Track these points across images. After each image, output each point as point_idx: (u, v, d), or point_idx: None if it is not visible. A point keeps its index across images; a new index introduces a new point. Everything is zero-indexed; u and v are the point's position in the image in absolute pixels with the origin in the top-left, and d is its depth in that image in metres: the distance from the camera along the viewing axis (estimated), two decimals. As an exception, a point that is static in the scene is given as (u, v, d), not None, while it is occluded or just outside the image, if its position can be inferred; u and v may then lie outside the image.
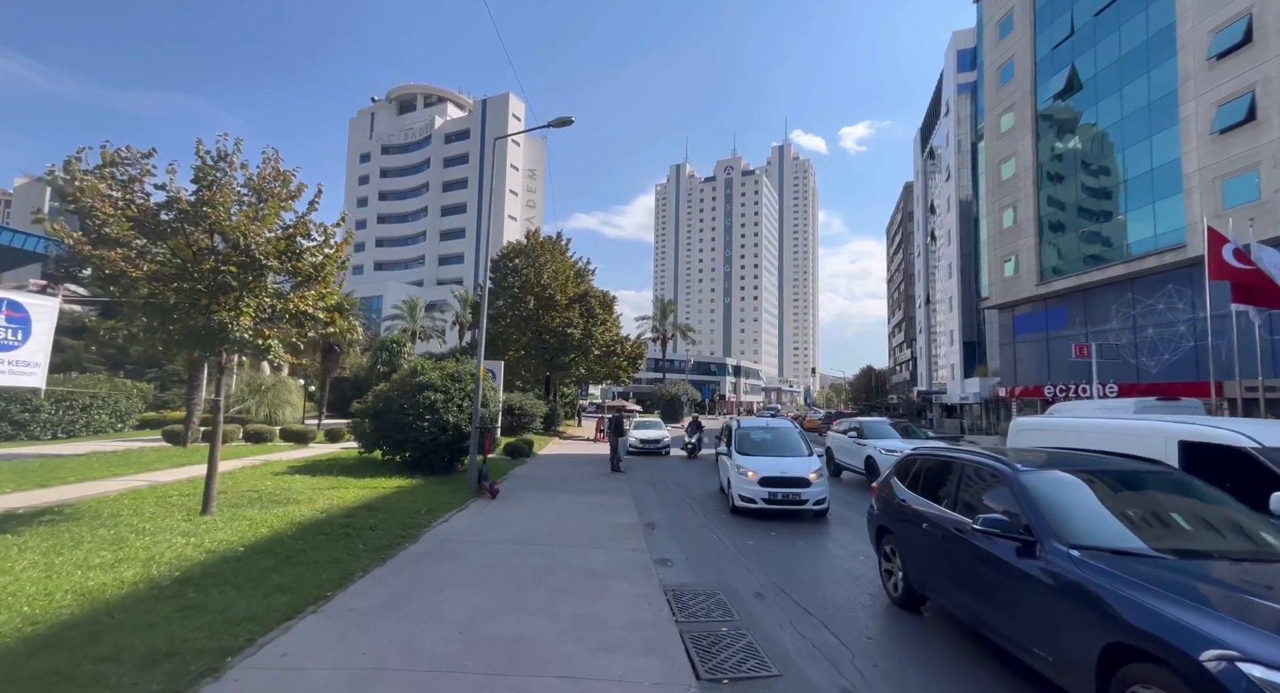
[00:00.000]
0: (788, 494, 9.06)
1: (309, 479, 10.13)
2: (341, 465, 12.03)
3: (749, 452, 10.24)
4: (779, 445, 10.63)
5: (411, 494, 9.40)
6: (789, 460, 9.82)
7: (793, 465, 9.52)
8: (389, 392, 11.86)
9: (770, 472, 9.25)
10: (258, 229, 6.55)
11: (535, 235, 34.06)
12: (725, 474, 10.83)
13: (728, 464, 10.36)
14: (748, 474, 9.34)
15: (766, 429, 11.21)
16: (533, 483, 12.40)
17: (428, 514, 8.00)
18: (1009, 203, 34.19)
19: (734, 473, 9.77)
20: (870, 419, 15.20)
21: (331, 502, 8.15)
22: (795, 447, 10.65)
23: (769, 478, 9.16)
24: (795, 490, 9.07)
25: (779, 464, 9.53)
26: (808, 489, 9.11)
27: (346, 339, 20.55)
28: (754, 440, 10.74)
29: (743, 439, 10.69)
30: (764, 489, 9.10)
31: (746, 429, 11.11)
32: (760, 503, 9.09)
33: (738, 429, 11.04)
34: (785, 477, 9.17)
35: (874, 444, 13.10)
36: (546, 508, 9.45)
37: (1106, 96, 27.58)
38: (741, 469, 9.53)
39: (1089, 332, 28.78)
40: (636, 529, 8.22)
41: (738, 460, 9.86)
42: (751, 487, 9.20)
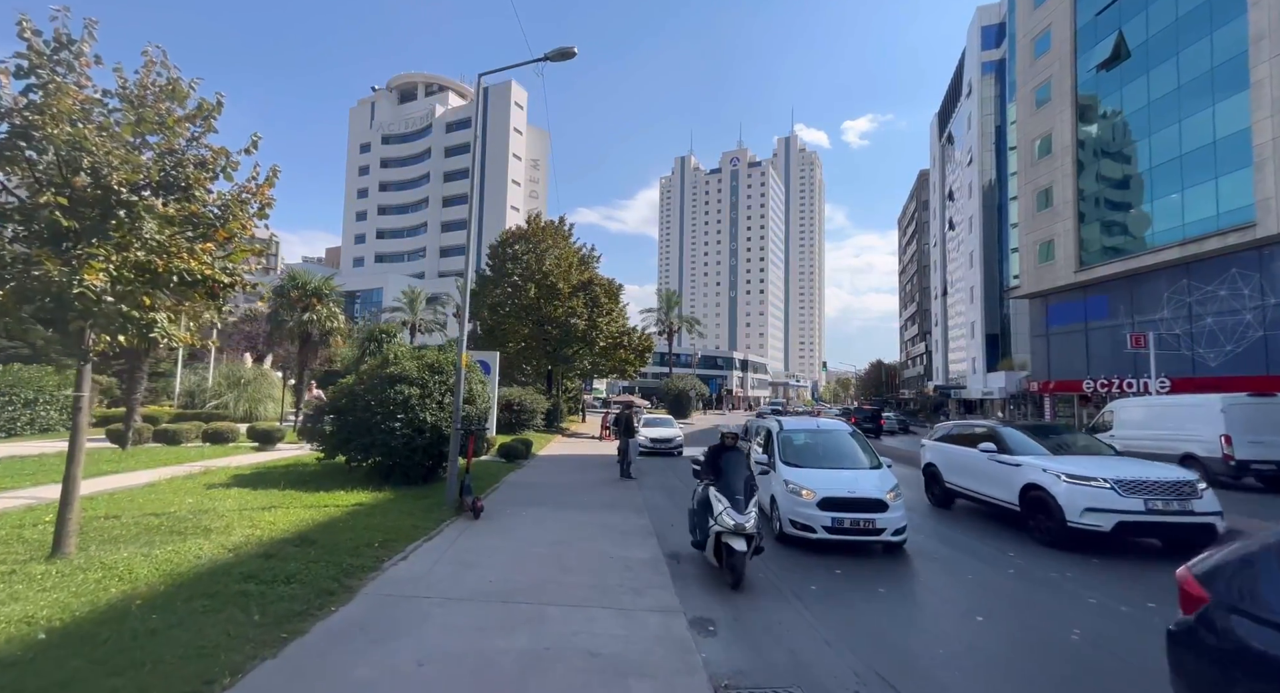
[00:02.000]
0: (857, 521, 6.92)
1: (246, 494, 8.16)
2: (297, 474, 10.06)
3: (797, 462, 8.12)
4: (835, 453, 8.49)
5: (370, 515, 7.40)
6: (853, 475, 7.69)
7: (861, 482, 7.39)
8: (354, 386, 9.86)
9: (833, 491, 7.13)
10: (119, 151, 4.51)
11: (536, 220, 32.00)
12: (763, 488, 8.55)
13: (770, 477, 8.25)
14: (802, 493, 7.27)
15: (816, 432, 8.98)
16: (528, 494, 10.39)
17: (381, 548, 5.99)
18: (1044, 184, 31.85)
19: (780, 490, 7.74)
20: (1008, 427, 9.50)
21: (255, 531, 6.15)
22: (856, 455, 8.49)
23: (832, 500, 7.05)
24: (867, 516, 6.93)
25: (842, 480, 7.41)
26: (883, 514, 6.95)
27: (326, 327, 18.58)
28: (802, 447, 8.58)
29: (788, 445, 8.54)
30: (824, 514, 6.99)
31: (791, 432, 8.90)
32: (820, 532, 6.98)
33: (780, 433, 8.82)
34: (853, 499, 7.04)
35: (1041, 466, 7.88)
36: (542, 532, 7.44)
37: (1160, 63, 25.19)
38: (792, 486, 7.45)
39: (1135, 322, 26.55)
40: (659, 566, 6.20)
41: (785, 474, 7.78)
42: (807, 510, 7.11)
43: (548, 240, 30.62)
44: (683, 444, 19.90)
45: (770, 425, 9.43)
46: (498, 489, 10.72)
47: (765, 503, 8.37)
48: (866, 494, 7.09)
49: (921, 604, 5.55)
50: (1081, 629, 4.78)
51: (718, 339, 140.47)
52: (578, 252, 31.73)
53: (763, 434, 10.06)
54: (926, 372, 70.90)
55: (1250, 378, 20.99)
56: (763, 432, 10.02)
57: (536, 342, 28.77)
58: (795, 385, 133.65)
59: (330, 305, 19.35)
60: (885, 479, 7.54)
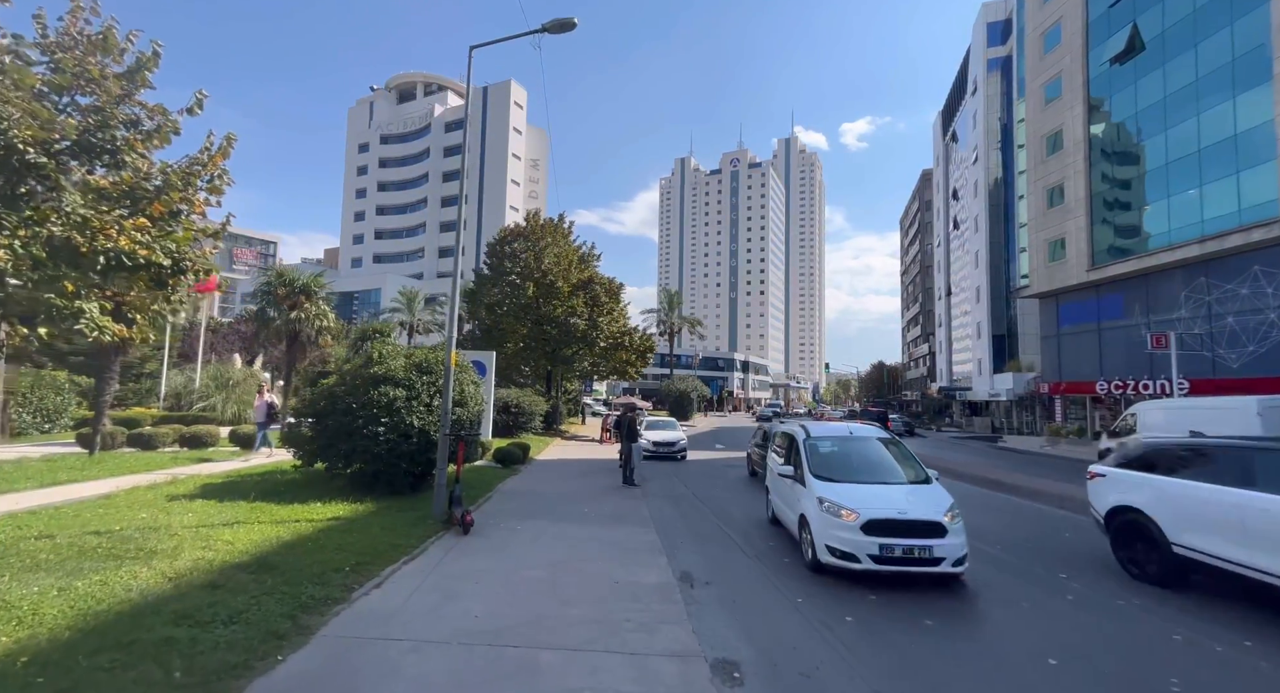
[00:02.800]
0: (911, 549, 5.78)
1: (210, 508, 7.37)
2: (273, 483, 9.27)
3: (830, 475, 6.89)
4: (874, 465, 7.26)
5: (346, 532, 6.62)
6: (901, 492, 6.58)
7: (911, 500, 6.29)
8: (335, 387, 9.08)
9: (880, 512, 5.98)
10: (23, 103, 3.73)
11: (535, 218, 31.25)
12: (789, 506, 7.49)
13: (799, 494, 7.03)
14: (841, 515, 6.09)
15: (849, 438, 7.75)
16: (524, 504, 9.62)
17: (353, 573, 5.22)
18: (1055, 181, 31.14)
19: (812, 509, 6.51)
20: None
21: (207, 553, 5.37)
22: (898, 466, 7.25)
23: (879, 523, 5.89)
24: (923, 543, 5.80)
25: (889, 499, 6.30)
26: (942, 541, 5.81)
27: (315, 326, 17.79)
28: (834, 457, 7.34)
29: (816, 455, 7.31)
30: (870, 540, 5.83)
31: (819, 439, 7.66)
32: (865, 562, 5.80)
33: (807, 440, 7.55)
34: (905, 521, 5.90)
35: None
36: (537, 551, 6.66)
37: (1176, 56, 24.48)
38: (829, 505, 6.27)
39: (1151, 321, 25.80)
40: (671, 593, 5.43)
41: (818, 490, 6.58)
42: (849, 535, 5.92)
43: (547, 238, 29.86)
44: (687, 448, 19.10)
45: (794, 431, 8.22)
46: (491, 498, 9.95)
47: (790, 520, 7.42)
48: (921, 516, 5.95)
49: (978, 641, 4.76)
50: (1180, 679, 4.01)
51: (718, 341, 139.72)
52: (577, 250, 30.98)
53: (782, 440, 9.06)
54: (930, 373, 70.14)
55: (1275, 379, 20.24)
56: (783, 438, 9.01)
57: (535, 342, 28.00)
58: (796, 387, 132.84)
59: (320, 303, 18.57)
60: (938, 497, 6.42)
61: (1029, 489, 12.69)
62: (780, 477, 7.85)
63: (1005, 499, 12.28)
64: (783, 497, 8.00)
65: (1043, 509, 11.07)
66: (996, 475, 15.07)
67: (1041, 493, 12.29)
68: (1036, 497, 12.19)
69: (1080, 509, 10.60)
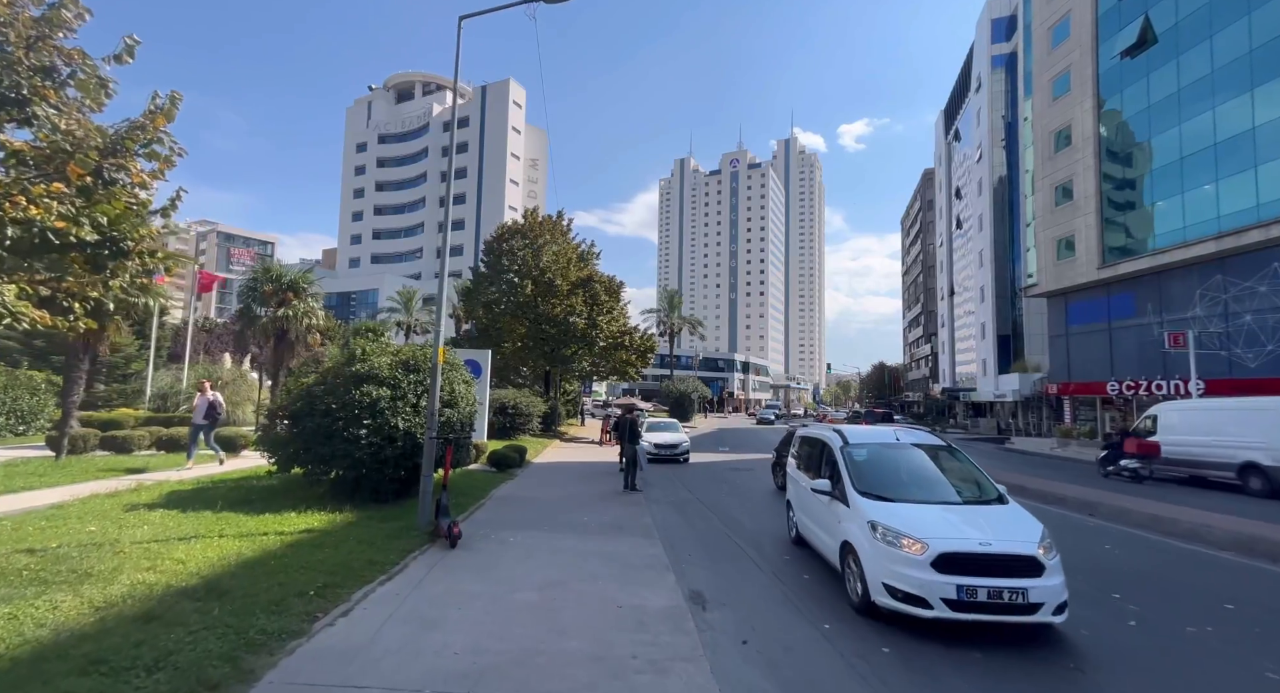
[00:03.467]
0: (999, 592, 4.44)
1: (170, 518, 6.69)
2: (246, 490, 8.59)
3: (880, 491, 5.57)
4: (933, 480, 5.92)
5: (318, 547, 5.94)
6: (974, 514, 5.26)
7: (991, 527, 4.97)
8: (314, 386, 8.41)
9: (956, 543, 4.69)
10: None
11: (533, 215, 30.57)
12: (824, 528, 6.23)
13: (839, 514, 5.75)
14: (903, 545, 4.79)
15: (897, 446, 6.41)
16: (518, 513, 8.95)
17: (318, 597, 4.54)
18: (1063, 177, 30.53)
19: (861, 536, 5.19)
20: None
21: (150, 575, 4.68)
22: (963, 482, 5.91)
23: (956, 557, 4.60)
24: (1015, 584, 4.46)
25: (963, 524, 5.02)
26: (1038, 581, 4.50)
27: (303, 324, 17.12)
28: (881, 468, 6.00)
29: (859, 466, 5.99)
30: (945, 579, 4.52)
31: (859, 447, 6.30)
32: (940, 608, 4.49)
33: (845, 447, 6.26)
34: (990, 555, 4.59)
35: None
36: (531, 568, 5.99)
37: (1190, 48, 23.88)
38: (887, 533, 4.94)
39: (1164, 320, 25.18)
40: (681, 619, 4.76)
41: (869, 511, 5.27)
42: (916, 573, 4.62)
43: (545, 236, 29.20)
44: (690, 450, 18.45)
45: (824, 436, 6.91)
46: (483, 506, 9.28)
47: (825, 546, 6.16)
48: (1008, 548, 4.63)
49: (1061, 682, 4.09)
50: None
51: (718, 341, 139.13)
52: (577, 247, 30.31)
53: (806, 447, 7.69)
54: (932, 374, 69.54)
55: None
56: (807, 444, 7.65)
57: (533, 341, 27.32)
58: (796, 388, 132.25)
59: (309, 300, 17.89)
60: (1023, 522, 5.12)
61: (1054, 495, 12.02)
62: (812, 492, 6.47)
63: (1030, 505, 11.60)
64: (813, 516, 6.67)
65: (1070, 516, 10.41)
66: (1012, 479, 14.39)
67: (1066, 499, 11.63)
68: (1062, 503, 11.53)
69: (1116, 517, 9.95)
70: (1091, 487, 13.61)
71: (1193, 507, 10.48)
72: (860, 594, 5.13)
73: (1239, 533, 8.02)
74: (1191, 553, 7.81)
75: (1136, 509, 10.00)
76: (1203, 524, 8.63)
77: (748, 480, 14.27)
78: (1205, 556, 7.68)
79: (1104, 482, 15.58)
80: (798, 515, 7.49)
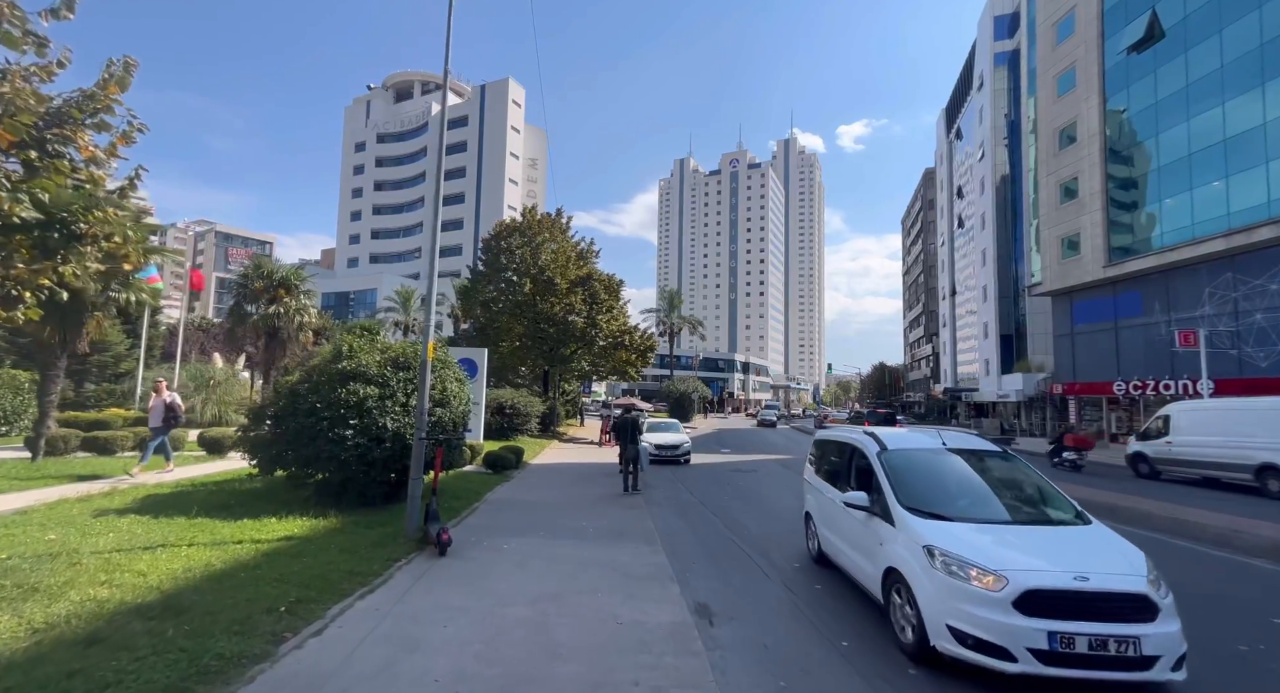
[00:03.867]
0: (1104, 640, 3.50)
1: (140, 525, 6.27)
2: (228, 494, 8.18)
3: (936, 509, 4.60)
4: (994, 494, 4.93)
5: (295, 556, 5.52)
6: (1057, 538, 4.36)
7: (1081, 555, 4.02)
8: (298, 385, 7.99)
9: (1045, 576, 3.73)
10: None
11: (532, 213, 30.16)
12: (859, 550, 5.26)
13: (882, 535, 4.78)
14: (972, 577, 3.84)
15: (946, 454, 5.41)
16: (513, 518, 8.53)
17: (289, 614, 4.13)
18: (1068, 175, 30.16)
19: (915, 564, 4.21)
20: None
21: (104, 591, 4.26)
22: (1033, 498, 4.98)
23: (1046, 595, 3.65)
24: (1124, 631, 3.52)
25: (1048, 550, 4.11)
26: (1151, 627, 3.57)
27: (295, 322, 16.69)
28: (931, 481, 5.06)
29: (901, 475, 5.02)
30: (1033, 624, 3.56)
31: (902, 454, 5.33)
32: (1027, 660, 3.53)
33: (884, 454, 5.30)
34: (1089, 593, 3.64)
35: None
36: (524, 579, 5.58)
37: (1199, 43, 23.52)
38: (951, 561, 3.98)
39: (1172, 319, 24.80)
40: (687, 637, 4.36)
41: (923, 532, 4.32)
42: (992, 615, 3.67)
43: (544, 233, 28.79)
44: (691, 451, 18.05)
45: (855, 441, 5.92)
46: (477, 510, 8.86)
47: (862, 571, 5.12)
48: (1112, 583, 3.69)
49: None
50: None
51: (717, 341, 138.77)
52: (576, 246, 29.90)
53: (828, 452, 6.77)
54: (934, 374, 69.14)
55: (1307, 379, 19.24)
56: (831, 449, 6.67)
57: (532, 341, 26.91)
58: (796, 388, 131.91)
59: (301, 298, 17.47)
60: (1118, 548, 4.19)
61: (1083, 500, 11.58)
62: (841, 507, 5.49)
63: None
64: (842, 533, 5.70)
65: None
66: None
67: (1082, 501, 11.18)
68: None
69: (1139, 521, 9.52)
70: (1110, 490, 13.21)
71: (1213, 510, 10.08)
72: (914, 637, 4.10)
73: (1275, 539, 7.60)
74: (1224, 560, 7.41)
75: (1159, 513, 9.61)
76: (1231, 529, 8.23)
77: (751, 483, 13.87)
78: (1238, 563, 7.28)
79: (1126, 485, 15.20)
80: (820, 530, 6.48)
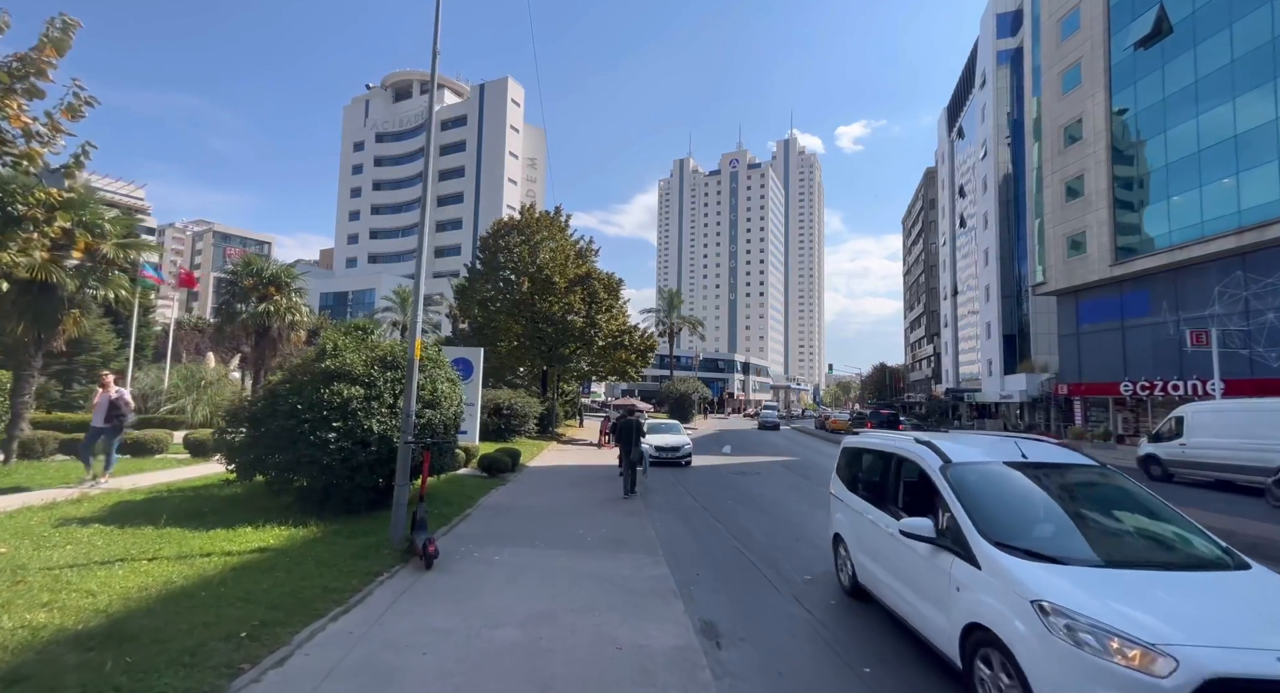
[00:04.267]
0: None
1: (103, 535, 5.84)
2: (203, 500, 7.75)
3: (1035, 546, 3.45)
4: (1104, 525, 3.93)
5: (267, 570, 5.10)
6: (1216, 587, 3.18)
7: (1269, 614, 2.92)
8: (278, 385, 7.56)
9: (1240, 662, 2.49)
10: None
11: (530, 210, 29.78)
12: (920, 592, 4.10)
13: (957, 578, 3.59)
14: (1114, 652, 2.64)
15: (1027, 467, 4.25)
16: (507, 524, 8.11)
17: (250, 642, 3.70)
18: (1073, 172, 29.76)
19: (1021, 624, 3.00)
20: None
21: (41, 614, 3.82)
22: (1158, 529, 3.84)
23: (1243, 688, 2.44)
24: None
25: (1213, 608, 2.94)
26: None
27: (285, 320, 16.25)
28: (1022, 509, 3.96)
29: (977, 498, 3.88)
30: None
31: (969, 466, 4.21)
32: None
33: (948, 468, 4.17)
34: None
35: None
36: (515, 596, 5.16)
37: (1209, 38, 23.13)
38: (1075, 625, 2.80)
39: (1181, 318, 24.40)
40: (694, 665, 3.95)
41: (1024, 579, 3.14)
42: None
43: (543, 232, 28.40)
44: (692, 453, 17.63)
45: (906, 450, 4.75)
46: (469, 517, 8.43)
47: (934, 628, 3.85)
48: None
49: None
50: None
51: (717, 342, 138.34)
52: (575, 244, 29.50)
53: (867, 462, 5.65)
54: (935, 374, 68.76)
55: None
56: (871, 459, 5.58)
57: (530, 340, 26.49)
58: (796, 389, 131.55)
59: (292, 296, 17.03)
60: None
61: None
62: (894, 535, 4.33)
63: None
64: (894, 567, 4.52)
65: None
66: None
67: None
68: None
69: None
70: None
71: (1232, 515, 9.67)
72: None
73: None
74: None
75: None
76: (1263, 538, 7.81)
77: (755, 486, 13.45)
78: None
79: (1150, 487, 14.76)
80: (857, 557, 5.28)
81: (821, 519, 9.93)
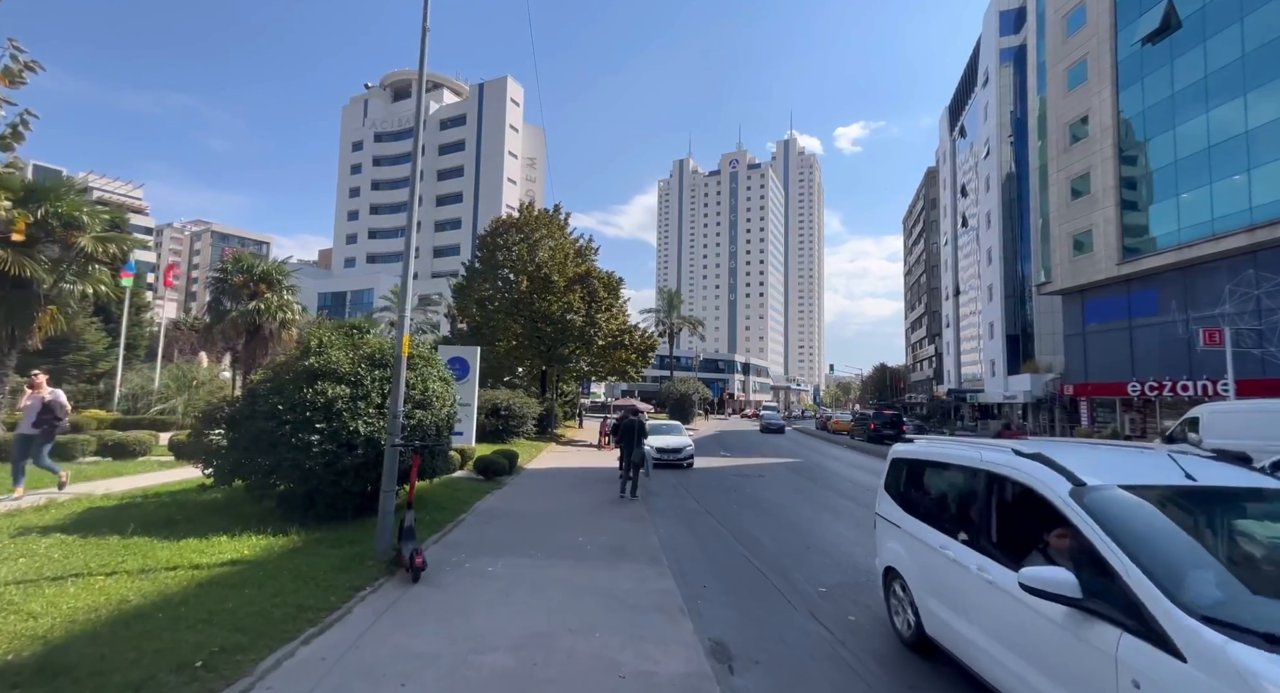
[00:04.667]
0: None
1: (63, 546, 5.41)
2: (178, 506, 7.31)
3: (1262, 622, 2.14)
4: None
5: (237, 586, 4.66)
6: None
7: None
8: (260, 384, 7.14)
9: None
10: None
11: (529, 209, 29.37)
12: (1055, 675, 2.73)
13: (1131, 661, 2.32)
14: None
15: (1203, 495, 2.96)
16: (501, 531, 7.69)
17: (205, 672, 3.28)
18: (1079, 170, 29.37)
19: None
20: None
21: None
22: None
23: None
24: None
25: None
26: None
27: (276, 319, 15.83)
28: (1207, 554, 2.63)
29: (1151, 545, 2.56)
30: None
31: (1131, 506, 2.78)
32: None
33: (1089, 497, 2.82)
34: None
35: None
36: (508, 614, 4.73)
37: (1219, 32, 22.74)
38: None
39: (1190, 317, 24.00)
40: (705, 694, 3.50)
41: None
42: None
43: (542, 230, 27.98)
44: (694, 455, 17.21)
45: (1016, 470, 3.35)
46: (462, 523, 8.00)
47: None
48: None
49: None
50: None
51: (717, 342, 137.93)
52: (574, 243, 29.09)
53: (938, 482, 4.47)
54: (937, 375, 68.37)
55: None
56: (946, 478, 4.31)
57: (529, 340, 26.07)
58: (796, 389, 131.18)
59: (284, 293, 16.61)
60: None
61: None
62: (998, 586, 3.17)
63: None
64: (995, 629, 3.24)
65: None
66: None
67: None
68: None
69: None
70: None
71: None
72: None
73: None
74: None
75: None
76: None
77: (760, 489, 13.03)
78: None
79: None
80: (924, 602, 4.04)
81: (830, 524, 9.51)
